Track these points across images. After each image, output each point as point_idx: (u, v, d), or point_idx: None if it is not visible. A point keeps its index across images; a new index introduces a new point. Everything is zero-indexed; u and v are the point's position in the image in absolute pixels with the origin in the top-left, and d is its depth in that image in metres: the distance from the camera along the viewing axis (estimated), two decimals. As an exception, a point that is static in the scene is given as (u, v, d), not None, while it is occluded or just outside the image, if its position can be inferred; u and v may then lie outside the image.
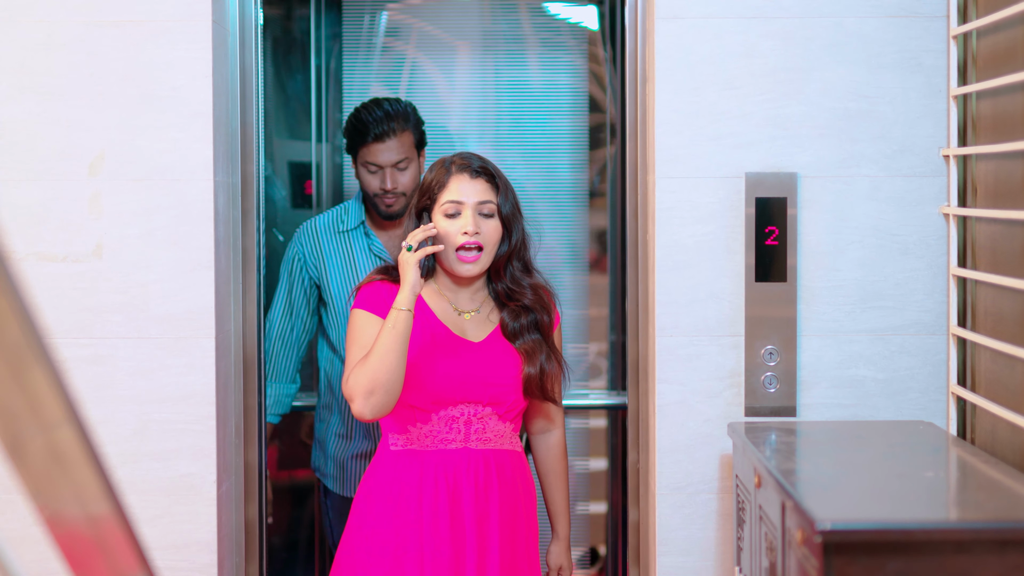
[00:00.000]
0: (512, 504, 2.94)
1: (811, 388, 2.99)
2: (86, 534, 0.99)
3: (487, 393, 2.89)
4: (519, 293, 2.95)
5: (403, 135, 3.53)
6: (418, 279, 2.79)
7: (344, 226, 3.61)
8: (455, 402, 2.88)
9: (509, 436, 2.95)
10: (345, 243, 3.60)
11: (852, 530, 2.02)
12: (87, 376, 2.95)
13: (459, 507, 2.87)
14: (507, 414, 2.93)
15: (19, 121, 2.95)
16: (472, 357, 2.91)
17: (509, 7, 4.58)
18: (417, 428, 2.90)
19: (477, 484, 2.88)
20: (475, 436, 2.90)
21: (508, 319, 2.96)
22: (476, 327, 2.97)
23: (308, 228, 3.65)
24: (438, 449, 2.89)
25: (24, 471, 0.95)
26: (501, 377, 2.91)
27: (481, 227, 2.88)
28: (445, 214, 2.88)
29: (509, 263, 2.96)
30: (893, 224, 2.97)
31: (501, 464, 2.93)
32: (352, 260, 3.58)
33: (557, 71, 4.59)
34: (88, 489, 0.97)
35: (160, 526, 2.97)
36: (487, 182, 2.91)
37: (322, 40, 4.61)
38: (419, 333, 2.89)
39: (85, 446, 0.95)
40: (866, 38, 2.96)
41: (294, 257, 3.63)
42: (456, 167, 2.92)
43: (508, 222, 2.92)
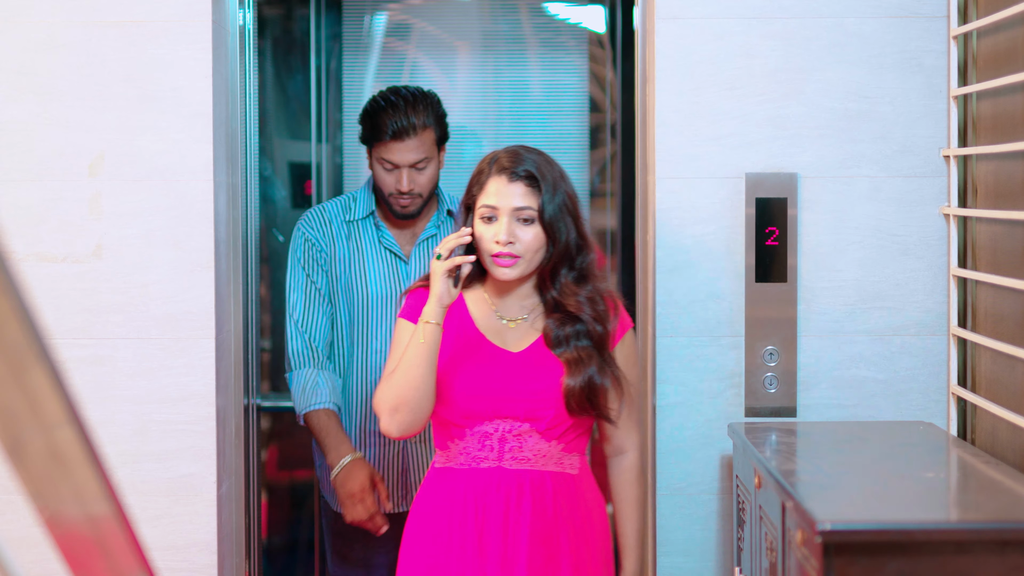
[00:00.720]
0: (550, 533, 2.65)
1: (811, 388, 2.99)
2: (86, 535, 0.99)
3: (522, 407, 2.65)
4: (569, 304, 2.68)
5: (424, 133, 3.21)
6: (447, 290, 2.59)
7: (352, 215, 3.32)
8: (488, 417, 2.66)
9: (556, 457, 2.68)
10: (353, 232, 3.31)
11: (852, 530, 2.02)
12: (87, 377, 2.95)
13: (487, 531, 2.64)
14: (550, 432, 2.66)
15: (19, 122, 2.95)
16: (508, 368, 2.69)
17: (509, 7, 4.58)
18: (454, 444, 2.70)
19: (508, 506, 2.64)
20: (510, 454, 2.66)
21: (552, 326, 2.69)
22: (519, 336, 2.73)
23: (315, 214, 3.34)
24: (470, 468, 2.68)
25: (24, 472, 0.95)
26: (537, 390, 2.66)
27: (518, 234, 2.63)
28: (481, 218, 2.66)
29: (557, 271, 2.69)
30: (893, 224, 2.97)
31: (539, 487, 2.66)
32: (360, 251, 3.30)
33: (558, 71, 4.59)
34: (88, 490, 0.97)
35: (160, 527, 2.97)
36: (527, 185, 2.65)
37: (322, 40, 4.61)
38: (453, 341, 2.70)
39: (85, 447, 0.95)
40: (866, 38, 2.96)
41: (304, 241, 3.31)
42: (496, 167, 2.68)
43: (551, 228, 2.65)
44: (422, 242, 3.30)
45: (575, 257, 2.69)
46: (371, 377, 3.29)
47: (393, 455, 3.29)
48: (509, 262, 2.64)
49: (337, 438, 3.19)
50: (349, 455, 3.18)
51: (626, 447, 2.80)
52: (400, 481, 3.29)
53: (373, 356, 3.27)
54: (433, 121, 3.21)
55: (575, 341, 2.68)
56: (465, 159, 4.54)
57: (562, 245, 2.66)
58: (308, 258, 3.28)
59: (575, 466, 2.71)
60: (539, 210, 2.64)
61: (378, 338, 3.27)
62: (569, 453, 2.70)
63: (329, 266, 3.28)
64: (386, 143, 3.18)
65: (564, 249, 2.67)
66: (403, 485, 3.29)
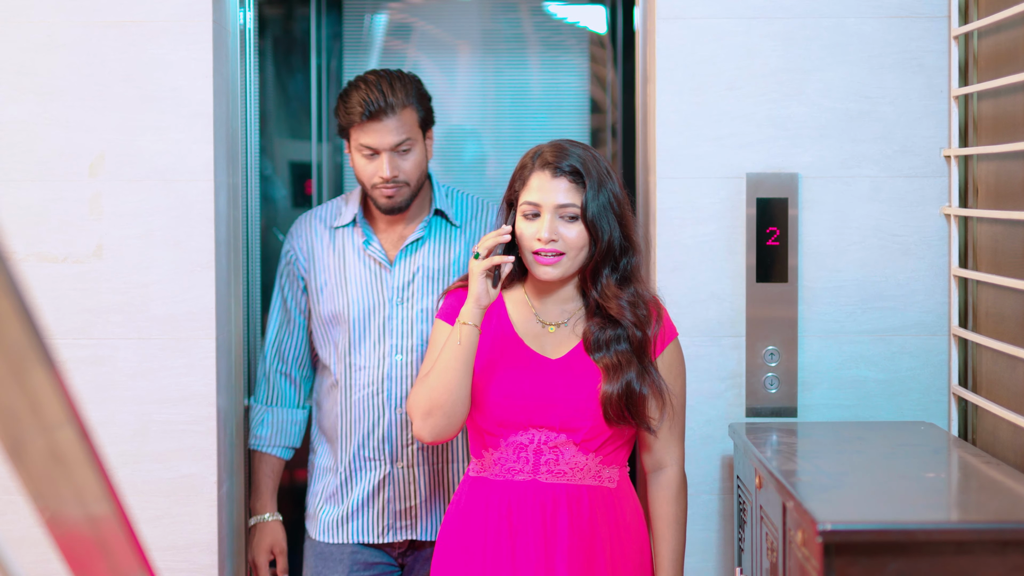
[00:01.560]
0: (588, 549, 2.53)
1: (812, 389, 2.99)
2: (87, 535, 0.99)
3: (558, 417, 2.54)
4: (611, 307, 2.56)
5: (404, 112, 2.89)
6: (485, 290, 2.49)
7: (338, 220, 3.02)
8: (524, 427, 2.55)
9: (595, 470, 2.56)
10: (338, 242, 3.01)
11: (853, 531, 2.02)
12: (88, 377, 2.95)
13: (521, 547, 2.53)
14: (588, 443, 2.54)
15: (19, 122, 2.95)
16: (544, 375, 2.57)
17: (510, 7, 4.58)
18: (489, 454, 2.59)
19: (544, 523, 2.53)
20: (545, 467, 2.55)
21: (593, 330, 2.57)
22: (558, 342, 2.61)
23: (304, 221, 3.07)
24: (505, 480, 2.56)
25: (25, 472, 0.95)
26: (575, 398, 2.54)
27: (561, 232, 2.52)
28: (523, 215, 2.55)
29: (599, 272, 2.57)
30: (894, 225, 2.97)
31: (577, 502, 2.54)
32: (342, 260, 3.00)
33: (558, 71, 4.59)
34: (88, 490, 0.97)
35: (160, 527, 2.97)
36: (571, 181, 2.53)
37: (322, 40, 4.61)
38: (489, 345, 2.60)
39: (86, 447, 0.95)
40: (867, 39, 2.96)
41: (285, 254, 3.07)
42: (539, 162, 2.56)
43: (594, 226, 2.52)
44: (407, 247, 2.97)
45: (619, 258, 2.57)
46: (351, 399, 2.96)
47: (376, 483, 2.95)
48: (551, 260, 2.53)
49: (257, 489, 3.07)
50: (266, 514, 3.05)
51: (666, 462, 2.64)
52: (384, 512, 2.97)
53: (357, 374, 2.95)
54: (414, 100, 2.92)
55: (615, 346, 2.55)
56: (466, 159, 4.54)
57: (604, 244, 2.54)
58: (286, 275, 3.05)
59: (614, 479, 2.59)
60: (583, 207, 2.52)
61: (361, 353, 2.94)
62: (608, 466, 2.58)
63: (308, 280, 3.02)
64: (363, 125, 2.87)
65: (607, 249, 2.54)
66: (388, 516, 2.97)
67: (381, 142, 2.87)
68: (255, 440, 3.08)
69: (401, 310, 2.94)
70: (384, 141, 2.87)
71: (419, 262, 2.96)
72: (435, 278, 2.96)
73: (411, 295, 2.94)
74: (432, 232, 2.98)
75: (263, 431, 3.07)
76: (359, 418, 2.95)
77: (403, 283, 2.94)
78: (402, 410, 2.92)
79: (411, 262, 2.95)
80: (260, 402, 3.09)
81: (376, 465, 2.95)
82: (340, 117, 2.93)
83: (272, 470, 3.08)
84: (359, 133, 2.88)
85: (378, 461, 2.95)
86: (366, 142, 2.88)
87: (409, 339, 2.94)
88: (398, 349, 2.93)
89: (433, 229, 2.99)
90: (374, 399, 2.94)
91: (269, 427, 3.07)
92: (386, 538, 2.96)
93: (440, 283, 2.95)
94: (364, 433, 2.95)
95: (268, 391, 3.08)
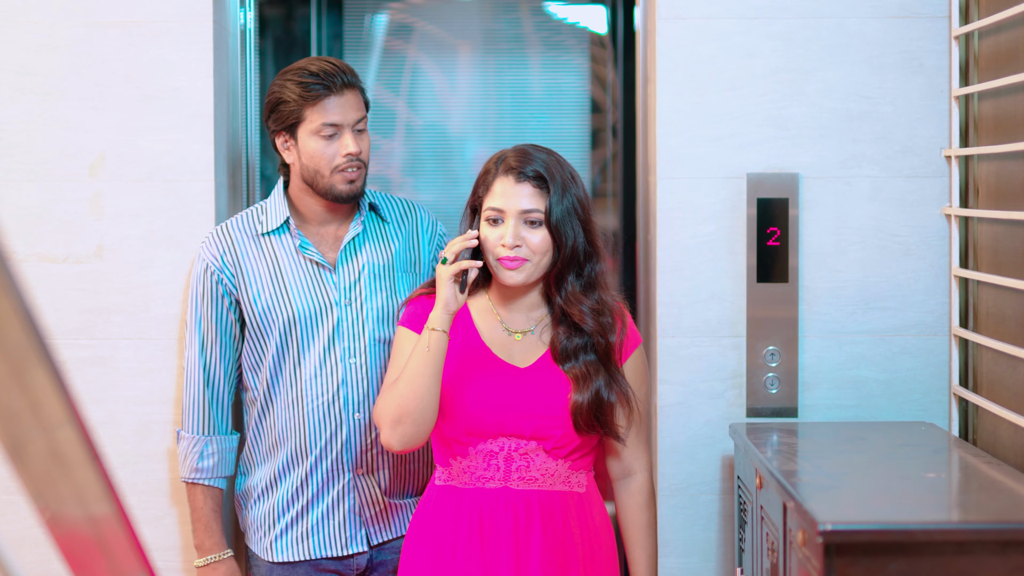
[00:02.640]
0: (563, 553, 2.54)
1: (813, 389, 2.99)
2: (87, 535, 0.99)
3: (529, 425, 2.54)
4: (573, 313, 2.56)
5: (358, 91, 2.82)
6: (453, 295, 2.48)
7: (264, 227, 2.84)
8: (493, 435, 2.55)
9: (564, 476, 2.57)
10: (267, 249, 2.83)
11: (854, 531, 2.02)
12: (88, 377, 2.95)
13: (494, 554, 2.52)
14: (558, 450, 2.55)
15: (20, 122, 2.95)
16: (514, 384, 2.57)
17: (510, 8, 4.58)
18: (457, 462, 2.58)
19: (516, 529, 2.53)
20: (516, 475, 2.55)
21: (560, 338, 2.57)
22: (526, 350, 2.61)
23: (219, 235, 2.85)
24: (475, 488, 2.56)
25: (25, 472, 0.95)
26: (545, 407, 2.54)
27: (525, 237, 2.52)
28: (487, 220, 2.55)
29: (563, 278, 2.56)
30: (895, 225, 2.97)
31: (549, 507, 2.55)
32: (278, 267, 2.82)
33: (559, 72, 4.59)
34: (89, 490, 0.97)
35: (161, 527, 2.97)
36: (535, 187, 2.52)
37: (323, 40, 4.61)
38: (457, 354, 2.59)
39: (86, 447, 0.95)
40: (867, 39, 2.96)
41: (204, 271, 2.83)
42: (503, 167, 2.56)
43: (557, 231, 2.52)
44: (348, 246, 2.84)
45: (583, 264, 2.57)
46: (304, 410, 2.80)
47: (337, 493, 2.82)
48: (515, 265, 2.52)
49: (209, 527, 2.83)
50: (218, 552, 2.83)
51: (634, 468, 2.65)
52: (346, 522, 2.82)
53: (307, 384, 2.79)
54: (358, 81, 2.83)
55: (583, 355, 2.56)
56: (466, 159, 4.54)
57: (568, 250, 2.53)
58: (208, 295, 2.83)
59: (582, 484, 2.60)
60: (546, 212, 2.51)
61: (309, 363, 2.79)
62: (576, 471, 2.59)
63: (240, 295, 2.83)
64: (322, 102, 2.74)
65: (571, 255, 2.54)
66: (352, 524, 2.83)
67: (345, 117, 2.76)
68: (198, 473, 2.84)
69: (350, 311, 2.80)
70: (348, 116, 2.77)
71: (363, 260, 2.84)
72: (381, 275, 2.84)
73: (358, 295, 2.81)
74: (368, 229, 2.88)
75: (206, 462, 2.84)
76: (315, 430, 2.79)
77: (349, 283, 2.82)
78: (360, 415, 2.78)
79: (355, 261, 2.84)
80: (196, 432, 2.84)
81: (336, 475, 2.81)
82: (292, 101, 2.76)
83: (218, 504, 2.86)
84: (319, 112, 2.75)
85: (339, 471, 2.80)
86: (330, 119, 2.75)
87: (361, 341, 2.80)
88: (351, 352, 2.79)
89: (369, 226, 2.89)
90: (330, 408, 2.79)
91: (211, 457, 2.84)
92: (349, 548, 2.82)
93: (386, 280, 2.84)
94: (323, 445, 2.78)
95: (202, 419, 2.84)
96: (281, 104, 2.78)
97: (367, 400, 2.79)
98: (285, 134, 2.80)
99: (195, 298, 2.84)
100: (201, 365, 2.84)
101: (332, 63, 2.78)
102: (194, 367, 2.84)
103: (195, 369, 2.84)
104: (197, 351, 2.84)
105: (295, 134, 2.79)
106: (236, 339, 2.86)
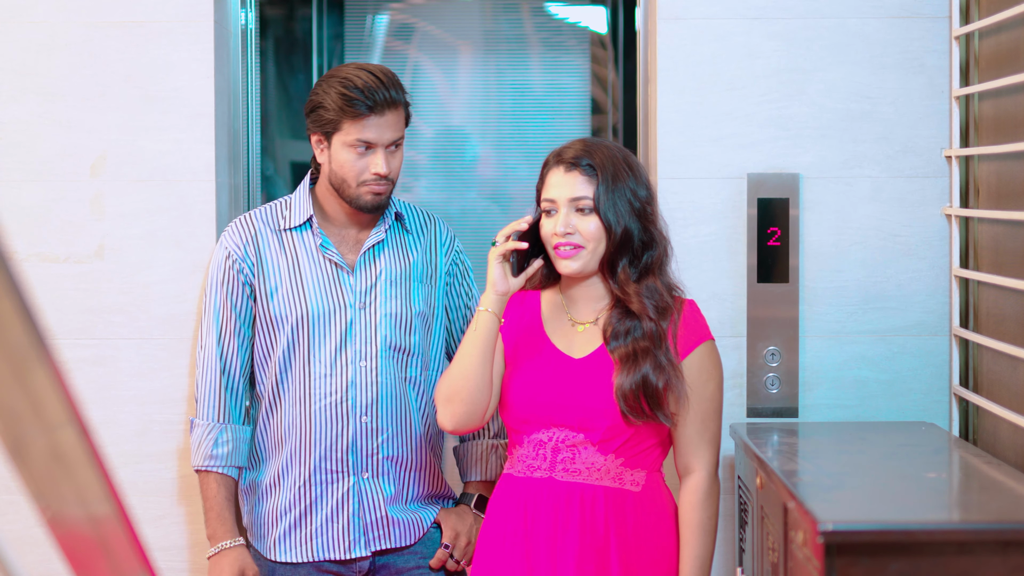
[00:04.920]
0: (600, 551, 2.50)
1: (813, 389, 2.99)
2: (88, 535, 0.99)
3: (575, 417, 2.52)
4: (626, 298, 2.55)
5: (400, 109, 2.80)
6: (501, 276, 2.52)
7: (287, 223, 2.85)
8: (543, 426, 2.55)
9: (615, 472, 2.52)
10: (288, 244, 2.84)
11: (854, 531, 2.02)
12: (89, 377, 2.96)
13: (534, 544, 2.52)
14: (607, 444, 2.51)
15: (21, 122, 2.96)
16: (565, 375, 2.56)
17: (511, 8, 4.59)
18: (515, 451, 2.60)
19: (555, 521, 2.51)
20: (561, 465, 2.54)
21: (612, 321, 2.56)
22: (585, 341, 2.60)
23: (243, 225, 2.86)
24: (525, 477, 2.57)
25: (26, 472, 0.95)
26: (591, 398, 2.52)
27: (577, 225, 2.53)
28: (544, 212, 2.57)
29: (615, 264, 2.56)
30: (895, 225, 2.97)
31: (590, 502, 2.51)
32: (297, 264, 2.83)
33: (560, 72, 4.59)
34: (90, 490, 0.97)
35: (162, 527, 2.97)
36: (583, 174, 2.54)
37: (324, 40, 4.61)
38: (520, 343, 2.61)
39: (87, 447, 0.95)
40: (868, 39, 2.96)
41: (226, 259, 2.83)
42: (556, 159, 2.59)
43: (606, 217, 2.52)
44: (369, 251, 2.84)
45: (640, 252, 2.56)
46: (311, 409, 2.78)
47: (340, 496, 2.79)
48: (570, 253, 2.53)
49: (221, 515, 2.79)
50: (228, 540, 2.78)
51: (694, 466, 2.56)
52: (349, 525, 2.79)
53: (316, 382, 2.78)
54: (404, 99, 2.82)
55: (632, 335, 2.53)
56: (466, 160, 4.54)
57: (619, 236, 2.52)
58: (227, 283, 2.83)
59: (638, 483, 2.53)
60: (595, 199, 2.52)
61: (322, 361, 2.78)
62: (631, 468, 2.53)
63: (256, 286, 2.83)
64: (362, 119, 2.73)
65: (622, 241, 2.53)
66: (355, 529, 2.79)
67: (380, 137, 2.76)
68: (212, 460, 2.81)
69: (363, 315, 2.79)
70: (384, 136, 2.76)
71: (382, 266, 2.83)
72: (398, 282, 2.83)
73: (373, 299, 2.80)
74: (390, 237, 2.88)
75: (220, 449, 2.81)
76: (320, 429, 2.78)
77: (366, 287, 2.82)
78: (367, 418, 2.77)
79: (374, 267, 2.83)
80: (211, 419, 2.82)
81: (339, 478, 2.78)
82: (332, 110, 2.76)
83: (231, 493, 2.83)
84: (356, 127, 2.75)
85: (342, 473, 2.78)
86: (365, 137, 2.75)
87: (372, 345, 2.79)
88: (362, 355, 2.78)
89: (391, 233, 2.88)
90: (337, 408, 2.77)
91: (226, 445, 2.81)
92: (352, 553, 2.78)
93: (402, 287, 2.83)
94: (327, 445, 2.76)
95: (217, 407, 2.82)
96: (321, 109, 2.77)
97: (375, 405, 2.77)
98: (320, 135, 2.80)
99: (214, 285, 2.84)
100: (218, 353, 2.83)
101: (379, 78, 2.76)
102: (211, 355, 2.83)
103: (211, 357, 2.83)
104: (215, 339, 2.83)
105: (330, 140, 2.78)
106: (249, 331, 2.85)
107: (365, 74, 2.76)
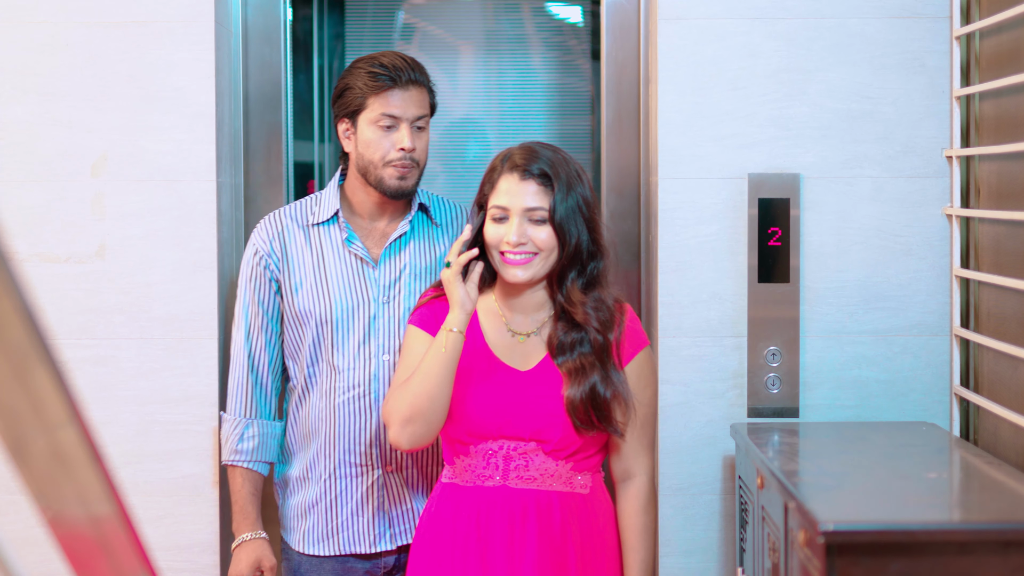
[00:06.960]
0: (557, 554, 2.53)
1: (814, 389, 2.99)
2: (88, 535, 0.99)
3: (528, 427, 2.53)
4: (575, 312, 2.55)
5: (424, 89, 2.85)
6: (465, 295, 2.49)
7: (315, 218, 2.87)
8: (493, 436, 2.55)
9: (565, 476, 2.56)
10: (314, 240, 2.87)
11: (855, 531, 2.02)
12: (90, 377, 2.96)
13: (490, 552, 2.53)
14: (558, 451, 2.54)
15: (22, 122, 2.96)
16: (514, 386, 2.57)
17: (513, 7, 4.59)
18: (460, 461, 2.59)
19: (512, 528, 2.53)
20: (515, 473, 2.54)
21: (558, 333, 2.57)
22: (527, 352, 2.60)
23: (272, 221, 2.90)
24: (475, 486, 2.56)
25: (27, 472, 0.95)
26: (544, 411, 2.54)
27: (530, 235, 2.52)
28: (492, 218, 2.55)
29: (565, 276, 2.56)
30: (896, 225, 2.97)
31: (546, 507, 2.54)
32: (322, 259, 2.86)
33: (561, 72, 4.59)
34: (91, 490, 0.97)
35: (163, 527, 2.97)
36: (540, 184, 2.52)
37: (325, 40, 4.61)
38: (462, 357, 2.56)
39: (88, 447, 0.95)
40: (869, 39, 2.96)
41: (253, 255, 2.87)
42: (508, 165, 2.55)
43: (561, 229, 2.51)
44: (393, 245, 2.86)
45: (587, 262, 2.56)
46: (335, 402, 2.82)
47: (365, 489, 2.83)
48: (521, 261, 2.52)
49: (244, 510, 2.83)
50: (249, 532, 2.82)
51: (634, 471, 2.61)
52: (375, 519, 2.83)
53: (340, 376, 2.82)
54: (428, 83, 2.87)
55: (579, 348, 2.54)
56: (467, 159, 4.55)
57: (572, 248, 2.53)
58: (255, 278, 2.86)
59: (586, 485, 2.58)
60: (551, 210, 2.51)
61: (345, 355, 2.82)
62: (580, 472, 2.58)
63: (283, 281, 2.86)
64: (387, 92, 2.78)
65: (574, 252, 2.54)
66: (380, 523, 2.84)
67: (406, 111, 2.79)
68: (237, 455, 2.85)
69: (387, 309, 2.82)
70: (409, 110, 2.80)
71: (406, 260, 2.86)
72: (422, 276, 2.86)
73: (397, 293, 2.83)
74: (416, 229, 2.90)
75: (246, 445, 2.85)
76: (344, 423, 2.82)
77: (389, 281, 2.84)
78: None
79: (398, 260, 2.86)
80: (238, 415, 2.86)
81: (364, 471, 2.82)
82: (357, 89, 2.81)
83: (256, 488, 2.87)
84: (381, 102, 2.79)
85: (367, 467, 2.81)
86: (390, 111, 2.78)
87: (396, 339, 2.82)
88: (385, 349, 2.81)
89: (417, 226, 2.90)
90: (360, 402, 2.81)
91: (253, 440, 2.86)
92: (377, 546, 2.83)
93: (426, 281, 2.85)
94: (351, 438, 2.80)
95: (245, 402, 2.87)
96: (348, 91, 2.83)
97: None
98: (347, 120, 2.84)
99: (243, 282, 2.88)
100: (246, 351, 2.87)
101: (404, 59, 2.83)
102: (239, 350, 2.87)
103: (240, 353, 2.87)
104: (243, 336, 2.87)
105: (356, 122, 2.82)
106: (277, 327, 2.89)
107: (391, 54, 2.84)
